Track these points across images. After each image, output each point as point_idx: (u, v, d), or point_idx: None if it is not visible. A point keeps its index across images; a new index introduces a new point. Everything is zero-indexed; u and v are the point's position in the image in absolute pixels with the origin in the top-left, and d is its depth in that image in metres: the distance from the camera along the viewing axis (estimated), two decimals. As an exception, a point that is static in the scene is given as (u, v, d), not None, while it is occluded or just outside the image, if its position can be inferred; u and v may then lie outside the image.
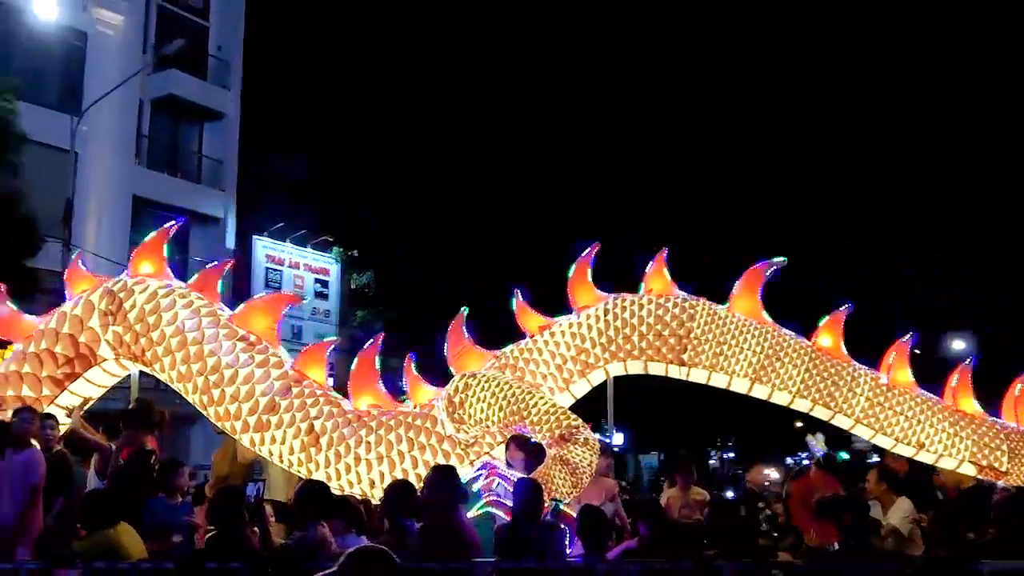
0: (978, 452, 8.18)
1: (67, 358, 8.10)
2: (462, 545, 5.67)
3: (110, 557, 5.67)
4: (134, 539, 6.05)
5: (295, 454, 7.68)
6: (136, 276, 8.25)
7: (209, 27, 28.32)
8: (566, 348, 8.32)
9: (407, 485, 6.33)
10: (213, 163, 28.05)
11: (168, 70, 25.76)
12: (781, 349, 8.24)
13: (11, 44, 22.65)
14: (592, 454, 7.33)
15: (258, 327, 8.06)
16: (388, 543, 5.52)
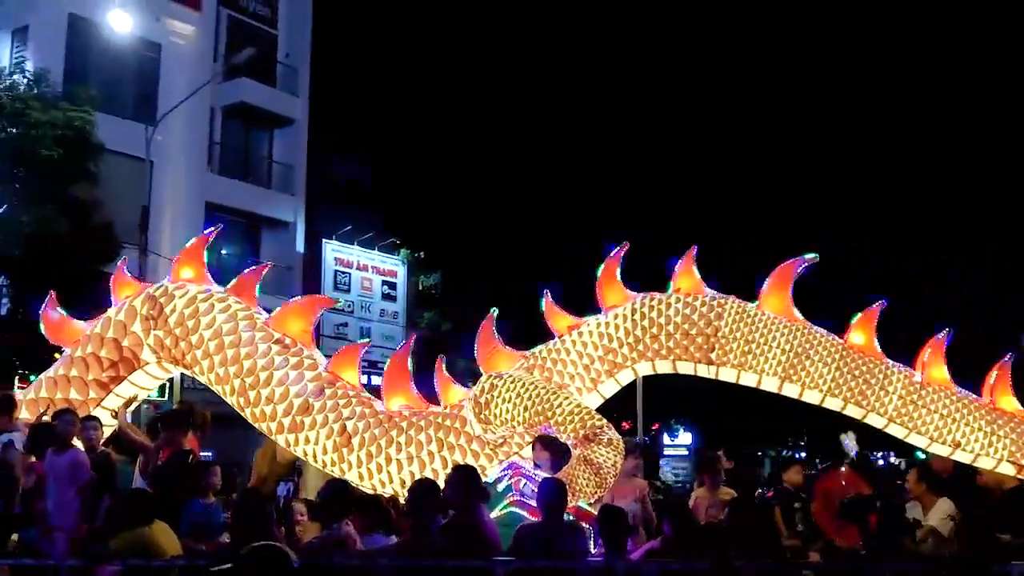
0: (1017, 451, 7.94)
1: (112, 362, 8.38)
2: (482, 544, 5.71)
3: (145, 555, 5.83)
4: (169, 537, 6.20)
5: (328, 454, 7.84)
6: (177, 281, 8.49)
7: (277, 35, 28.85)
8: (594, 348, 8.32)
9: (431, 484, 6.35)
10: (283, 168, 28.56)
11: (238, 78, 26.31)
12: (811, 347, 8.11)
13: (88, 57, 23.39)
14: (616, 454, 7.31)
15: (293, 330, 8.25)
16: (411, 542, 5.84)
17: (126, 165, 21.62)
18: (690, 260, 8.55)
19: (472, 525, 5.82)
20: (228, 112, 27.14)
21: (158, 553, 5.92)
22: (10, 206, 18.45)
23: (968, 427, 7.99)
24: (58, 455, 7.30)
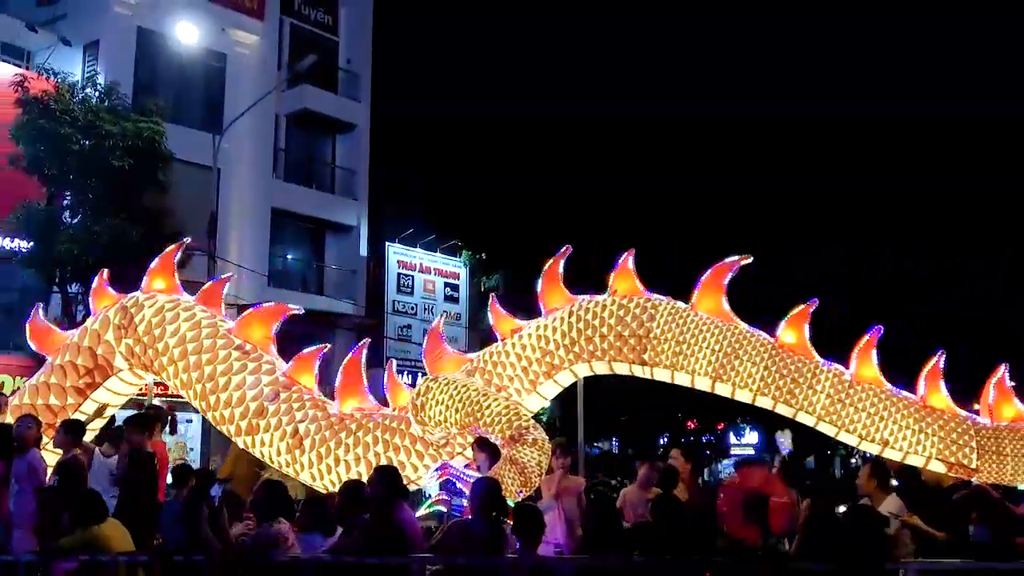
0: (945, 449, 7.85)
1: (88, 369, 8.88)
2: (399, 541, 5.89)
3: (95, 551, 6.22)
4: (122, 535, 6.54)
5: (282, 455, 8.21)
6: (149, 292, 8.96)
7: (338, 42, 29.22)
8: (532, 351, 8.51)
9: (357, 484, 6.56)
10: (346, 173, 28.92)
11: (301, 85, 26.70)
12: (740, 346, 8.11)
13: (157, 69, 24.00)
14: (541, 454, 7.53)
15: (255, 336, 8.65)
16: (340, 541, 6.17)
17: (194, 173, 22.12)
18: (627, 263, 8.68)
19: (390, 523, 5.98)
20: (292, 119, 27.57)
21: (108, 550, 6.29)
22: (84, 216, 19.00)
23: (896, 425, 7.92)
24: (19, 458, 7.56)
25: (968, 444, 7.81)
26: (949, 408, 8.09)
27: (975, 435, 7.88)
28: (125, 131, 18.71)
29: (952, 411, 8.07)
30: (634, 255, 8.69)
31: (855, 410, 7.96)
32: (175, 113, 21.54)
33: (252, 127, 24.55)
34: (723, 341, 8.14)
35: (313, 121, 27.99)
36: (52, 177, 18.89)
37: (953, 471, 7.89)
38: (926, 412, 7.99)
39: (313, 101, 27.47)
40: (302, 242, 28.45)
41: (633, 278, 8.66)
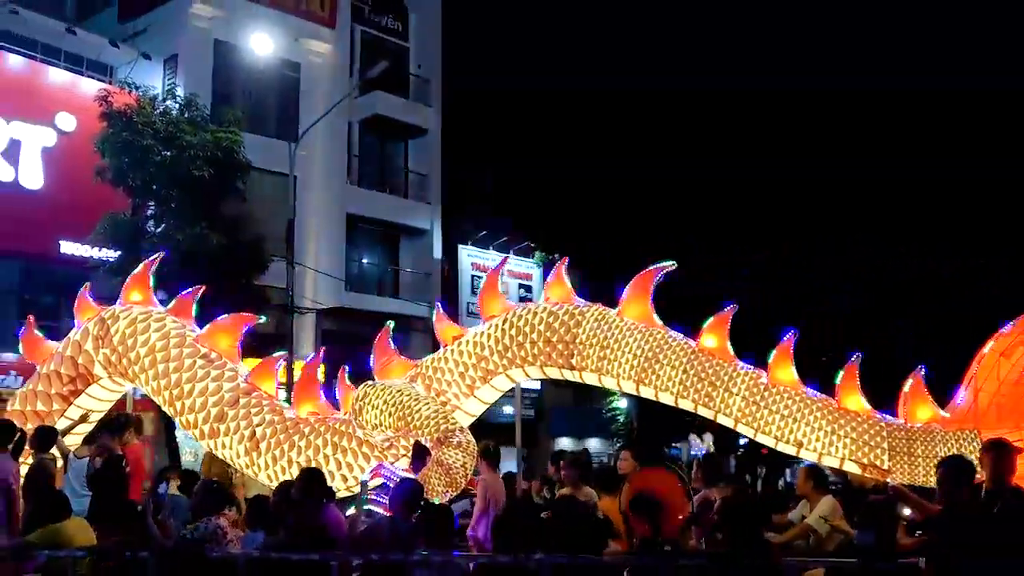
0: (857, 450, 7.95)
1: (71, 377, 9.49)
2: (323, 540, 6.25)
3: (58, 547, 6.75)
4: (84, 532, 7.03)
5: (241, 457, 8.71)
6: (126, 304, 9.48)
7: (408, 47, 29.51)
8: (468, 357, 8.88)
9: (289, 486, 6.94)
10: (418, 177, 29.18)
11: (373, 92, 27.03)
12: (660, 351, 8.32)
13: (234, 80, 24.57)
14: (467, 456, 7.92)
15: (221, 345, 9.17)
16: (271, 540, 6.60)
17: (272, 181, 22.58)
18: (560, 271, 9.05)
19: (314, 522, 6.38)
20: (364, 125, 27.93)
21: (70, 545, 6.77)
22: (167, 225, 19.51)
23: (809, 427, 8.01)
24: None
25: (880, 445, 7.87)
26: (863, 410, 8.13)
27: (887, 436, 7.95)
28: (204, 141, 19.15)
29: (866, 413, 8.11)
30: (568, 263, 9.11)
31: (769, 412, 8.07)
32: (252, 122, 21.99)
33: (326, 134, 24.95)
34: (644, 346, 8.35)
35: (385, 126, 28.30)
36: (136, 188, 19.43)
37: (867, 472, 7.96)
38: (839, 414, 8.04)
39: (385, 107, 27.77)
40: (377, 246, 28.79)
41: (566, 286, 8.98)
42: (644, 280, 8.76)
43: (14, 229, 20.58)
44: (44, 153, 21.74)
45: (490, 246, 29.49)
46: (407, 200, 28.76)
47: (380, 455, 8.38)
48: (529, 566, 5.81)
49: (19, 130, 21.45)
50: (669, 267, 8.87)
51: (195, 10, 24.34)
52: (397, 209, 28.24)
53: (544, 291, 9.09)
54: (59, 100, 22.25)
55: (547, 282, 9.12)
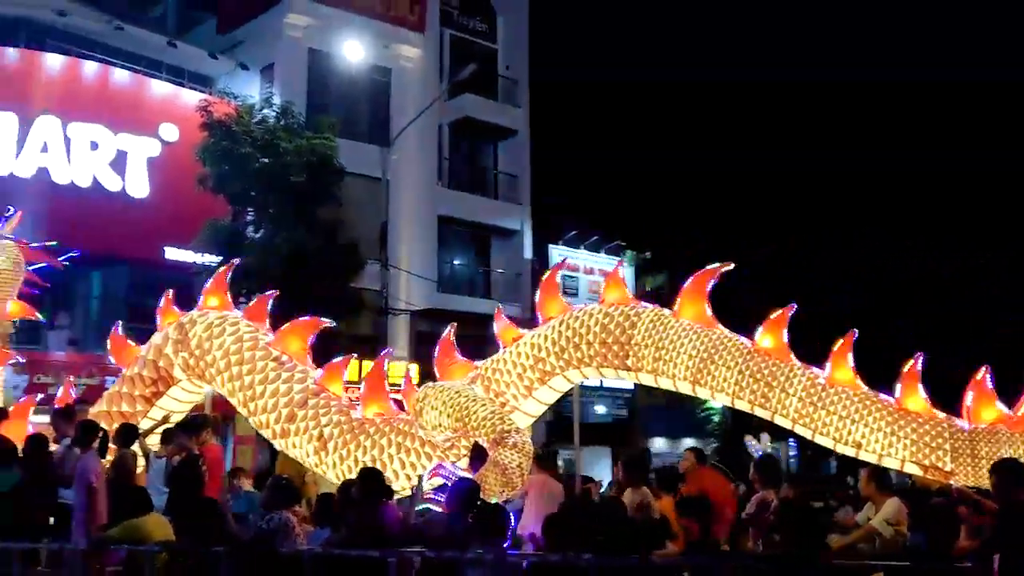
0: (918, 452, 7.77)
1: (152, 379, 9.93)
2: (381, 537, 6.53)
3: (137, 541, 7.13)
4: (163, 527, 7.38)
5: (310, 457, 8.99)
6: (203, 309, 9.86)
7: (496, 49, 29.67)
8: (526, 358, 9.02)
9: (351, 485, 7.32)
10: (508, 178, 29.30)
11: (462, 94, 27.27)
12: (716, 351, 8.28)
13: (327, 87, 25.09)
14: (522, 456, 8.04)
15: (292, 348, 9.46)
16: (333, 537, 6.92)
17: (365, 185, 22.98)
18: (617, 273, 9.30)
19: (372, 520, 6.69)
20: (454, 128, 28.18)
21: (149, 540, 7.12)
22: (266, 230, 20.04)
23: (867, 428, 7.87)
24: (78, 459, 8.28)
25: (942, 447, 7.72)
26: (926, 410, 7.97)
27: (949, 438, 7.79)
28: (300, 148, 19.60)
29: (929, 413, 7.95)
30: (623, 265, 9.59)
31: (827, 413, 7.95)
32: (345, 128, 22.37)
33: (417, 138, 25.28)
34: (699, 347, 8.34)
35: (475, 128, 28.51)
36: (235, 195, 20.00)
37: (928, 473, 7.81)
38: (899, 415, 7.90)
39: (474, 109, 27.98)
40: (468, 248, 29.02)
41: (623, 287, 9.15)
42: (700, 281, 8.80)
43: (122, 236, 21.41)
44: (149, 163, 22.58)
45: (580, 245, 29.43)
46: (497, 201, 28.91)
47: (442, 455, 8.51)
48: (579, 565, 5.87)
49: (126, 141, 22.33)
50: (726, 267, 8.88)
51: (290, 20, 24.93)
52: (487, 210, 28.42)
53: (601, 293, 9.19)
54: (162, 111, 23.09)
55: (604, 284, 9.22)
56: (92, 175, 21.84)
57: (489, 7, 29.72)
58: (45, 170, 21.35)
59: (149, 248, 21.85)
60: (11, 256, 11.08)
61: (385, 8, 26.64)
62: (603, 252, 29.85)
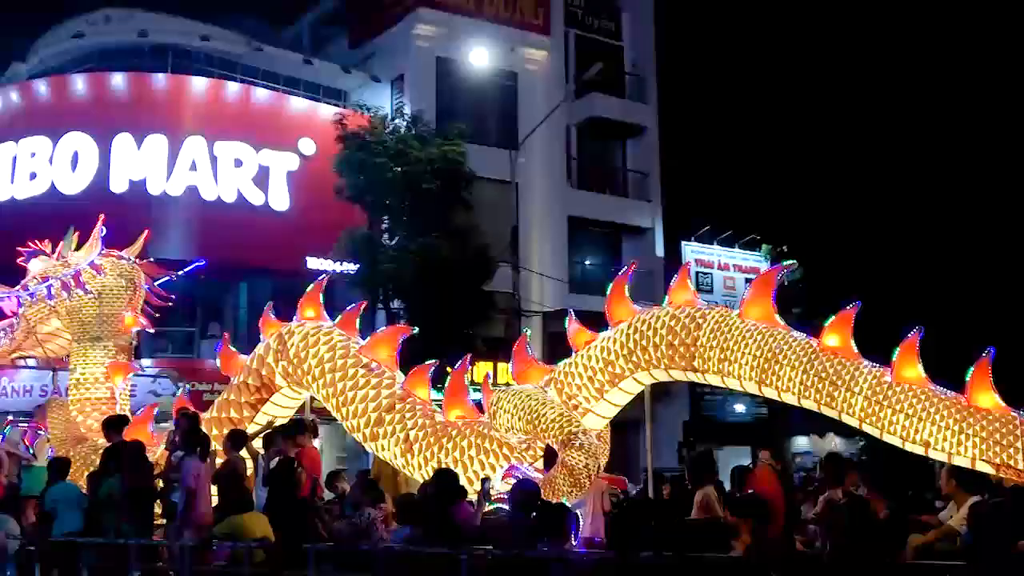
0: (988, 450, 7.49)
1: (256, 387, 10.56)
2: (453, 536, 6.88)
3: (237, 537, 7.83)
4: (261, 524, 8.04)
5: (398, 459, 9.43)
6: (300, 320, 10.45)
7: (623, 46, 29.48)
8: (596, 361, 9.23)
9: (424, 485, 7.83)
10: (638, 176, 29.06)
11: (589, 94, 27.21)
12: (780, 351, 8.29)
13: (455, 94, 25.49)
14: (588, 457, 8.32)
15: (381, 355, 9.92)
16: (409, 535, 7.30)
17: (495, 189, 23.22)
18: (684, 275, 9.33)
19: (446, 519, 7.07)
20: (582, 127, 28.13)
21: (248, 536, 7.79)
22: (400, 237, 20.52)
23: (935, 426, 7.68)
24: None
25: (1013, 444, 7.44)
26: (997, 407, 7.70)
27: (1022, 435, 7.49)
28: (431, 155, 20.00)
29: (1000, 410, 7.68)
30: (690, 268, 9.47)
31: (893, 411, 7.83)
32: (474, 133, 22.69)
33: (545, 139, 25.37)
34: (764, 347, 8.36)
35: (602, 127, 28.39)
36: (371, 204, 20.58)
37: (1001, 472, 7.56)
38: (968, 412, 7.66)
39: (601, 108, 27.87)
40: (599, 247, 28.92)
41: (689, 289, 9.24)
42: (765, 280, 8.88)
43: (266, 248, 22.33)
44: (289, 177, 23.48)
45: (714, 241, 28.88)
46: (628, 199, 28.71)
47: (519, 456, 8.87)
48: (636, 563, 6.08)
49: (267, 157, 23.30)
50: (790, 266, 9.16)
51: (418, 31, 25.47)
52: (618, 209, 28.25)
53: (668, 295, 9.26)
54: (300, 126, 23.98)
55: (671, 287, 9.31)
56: (237, 190, 22.90)
57: (614, 5, 29.57)
58: (194, 188, 22.53)
59: (291, 259, 22.69)
60: (122, 273, 11.83)
61: (510, 13, 26.87)
62: (737, 247, 29.21)
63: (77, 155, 22.40)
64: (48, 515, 9.17)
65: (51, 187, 22.41)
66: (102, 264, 11.64)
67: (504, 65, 26.10)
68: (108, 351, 11.60)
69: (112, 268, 11.74)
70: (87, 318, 11.53)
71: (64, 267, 11.75)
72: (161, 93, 23.54)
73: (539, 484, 7.92)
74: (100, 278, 11.57)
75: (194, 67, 24.28)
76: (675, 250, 28.28)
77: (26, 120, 23.42)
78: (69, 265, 11.73)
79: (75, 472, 9.98)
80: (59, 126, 22.70)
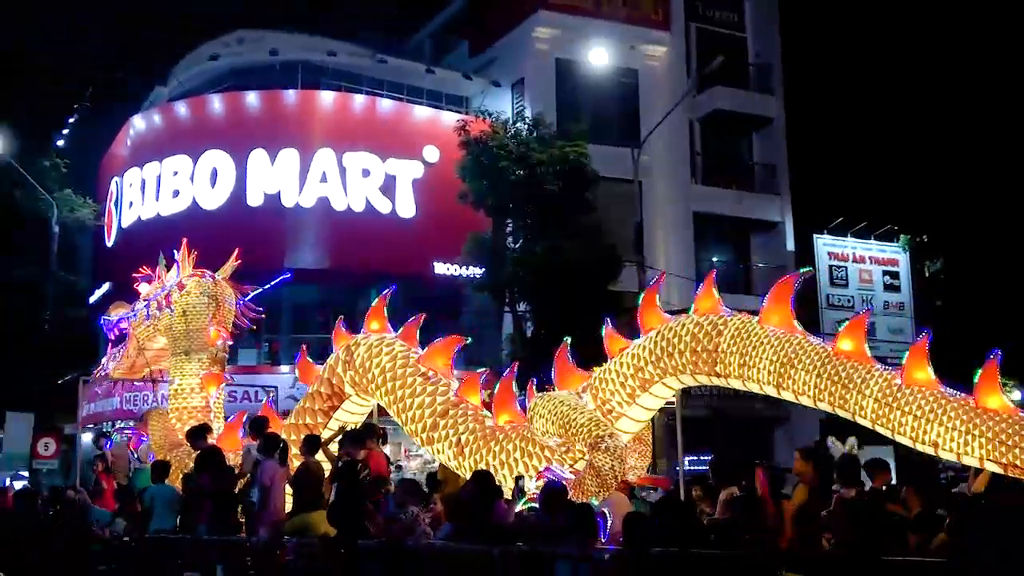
0: (994, 450, 7.58)
1: (328, 395, 11.28)
2: (490, 533, 7.28)
3: (305, 533, 8.62)
4: (326, 522, 8.62)
5: (451, 461, 10.00)
6: (367, 333, 11.14)
7: (746, 37, 28.84)
8: (628, 368, 9.61)
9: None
10: (765, 169, 28.36)
11: (712, 87, 26.74)
12: (796, 356, 8.59)
13: (575, 95, 25.47)
14: (614, 460, 8.80)
15: (437, 364, 10.51)
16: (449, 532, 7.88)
17: (617, 188, 23.02)
18: (709, 284, 9.53)
19: (485, 518, 7.56)
20: (705, 122, 27.67)
21: (314, 532, 8.56)
22: (524, 240, 20.64)
23: (943, 427, 7.84)
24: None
25: (1019, 444, 7.53)
26: (1005, 408, 7.78)
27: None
28: (553, 157, 20.04)
29: (1008, 411, 7.75)
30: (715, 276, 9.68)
31: (902, 413, 8.02)
32: (595, 133, 22.61)
33: (667, 136, 25.04)
34: (780, 352, 8.66)
35: (726, 121, 27.83)
36: (494, 208, 20.78)
37: (1009, 472, 7.64)
38: (975, 413, 7.78)
39: (725, 100, 27.33)
40: (726, 243, 28.38)
41: (714, 297, 9.47)
42: (783, 288, 9.17)
43: (394, 255, 22.86)
44: (414, 184, 23.98)
45: (847, 232, 27.86)
46: (755, 194, 28.04)
47: (560, 458, 9.32)
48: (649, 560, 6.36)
49: (393, 166, 23.86)
50: (807, 273, 9.60)
51: (537, 34, 25.60)
52: (745, 204, 27.62)
53: (694, 303, 9.58)
54: (424, 134, 24.46)
55: (696, 295, 9.62)
56: (365, 199, 23.54)
57: (736, -5, 28.95)
58: (325, 199, 23.29)
59: (419, 264, 23.17)
60: (205, 290, 12.71)
61: (629, 10, 26.69)
62: (873, 238, 28.08)
63: (216, 172, 23.50)
64: (147, 512, 10.33)
65: (192, 203, 23.58)
66: (186, 283, 12.65)
67: (624, 63, 25.92)
68: (202, 363, 12.60)
69: (195, 287, 12.69)
70: (177, 334, 12.60)
71: (159, 288, 12.94)
72: (292, 108, 24.42)
73: (569, 485, 8.47)
74: (185, 296, 12.58)
75: (322, 81, 25.09)
76: (806, 244, 27.44)
77: (168, 140, 24.73)
78: (163, 286, 12.90)
79: (172, 474, 11.07)
80: (198, 145, 23.87)
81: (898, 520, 7.57)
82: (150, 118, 25.94)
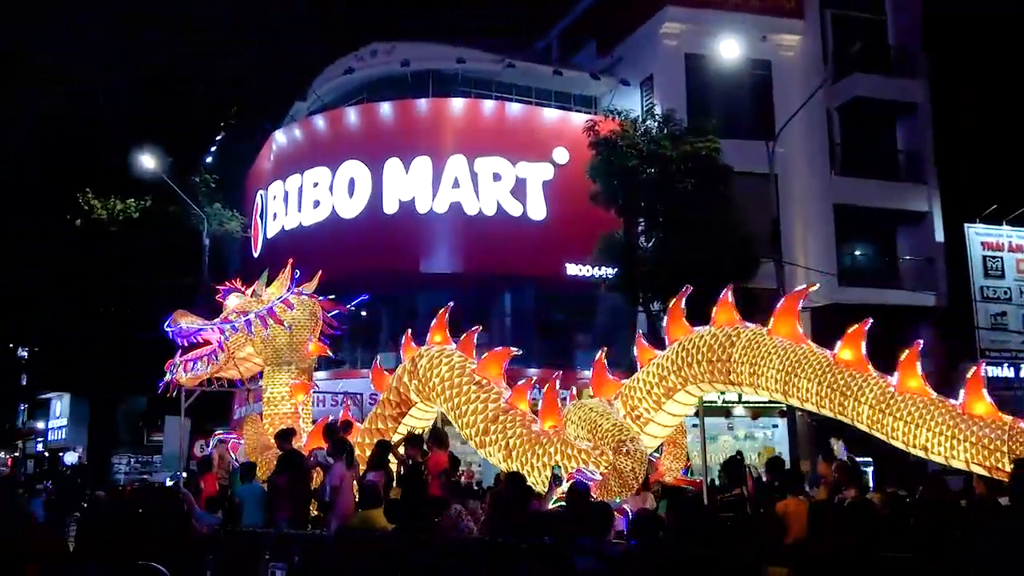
0: (978, 454, 8.09)
1: (397, 402, 12.16)
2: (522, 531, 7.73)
3: (368, 527, 9.12)
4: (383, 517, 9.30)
5: (501, 463, 10.69)
6: (430, 344, 11.87)
7: (885, 20, 27.61)
8: (654, 377, 10.33)
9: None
10: (909, 157, 27.10)
11: (850, 74, 25.74)
12: (799, 365, 9.12)
13: (706, 90, 24.98)
14: (635, 463, 9.55)
15: (491, 373, 11.22)
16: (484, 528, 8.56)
17: (752, 183, 22.40)
18: (727, 298, 10.07)
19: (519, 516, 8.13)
20: (843, 111, 26.59)
21: (376, 529, 9.06)
22: (657, 238, 20.41)
23: (930, 432, 8.30)
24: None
25: (999, 449, 7.98)
26: (989, 414, 8.23)
27: (1008, 440, 7.99)
28: (684, 154, 19.74)
29: (992, 416, 8.21)
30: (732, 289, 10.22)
31: (895, 419, 8.48)
32: (726, 127, 22.18)
33: (803, 127, 24.26)
34: (786, 362, 9.20)
35: (867, 108, 26.64)
36: (625, 207, 20.63)
37: (993, 475, 8.07)
38: (961, 418, 8.24)
39: (865, 87, 26.20)
40: (870, 236, 27.24)
41: (731, 310, 9.99)
42: (791, 301, 9.74)
43: (525, 257, 23.05)
44: (544, 186, 24.11)
45: (1003, 221, 26.30)
46: (899, 183, 26.76)
47: (595, 461, 9.83)
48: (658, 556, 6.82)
49: (523, 169, 24.05)
50: (813, 287, 10.53)
51: (666, 29, 25.28)
52: (889, 194, 26.36)
53: (712, 316, 10.05)
54: (554, 137, 24.56)
55: (715, 308, 10.04)
56: (496, 203, 23.81)
57: (874, -23, 27.78)
58: (458, 204, 23.69)
59: (551, 266, 23.26)
60: (307, 308, 13.62)
61: (760, 1, 26.02)
62: (1031, 225, 26.42)
63: (353, 182, 24.26)
64: (238, 508, 11.34)
65: (332, 212, 24.42)
66: (292, 300, 13.49)
67: (755, 55, 25.24)
68: (292, 374, 13.49)
69: (300, 304, 13.56)
70: (280, 346, 13.45)
71: (259, 303, 13.64)
72: (424, 117, 24.95)
73: (595, 486, 9.09)
74: (290, 312, 13.44)
75: (453, 89, 25.52)
76: (957, 234, 26.04)
77: (309, 153, 25.70)
78: (263, 301, 13.63)
79: (261, 475, 12.01)
80: (336, 156, 24.72)
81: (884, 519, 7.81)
82: (291, 132, 27.01)
